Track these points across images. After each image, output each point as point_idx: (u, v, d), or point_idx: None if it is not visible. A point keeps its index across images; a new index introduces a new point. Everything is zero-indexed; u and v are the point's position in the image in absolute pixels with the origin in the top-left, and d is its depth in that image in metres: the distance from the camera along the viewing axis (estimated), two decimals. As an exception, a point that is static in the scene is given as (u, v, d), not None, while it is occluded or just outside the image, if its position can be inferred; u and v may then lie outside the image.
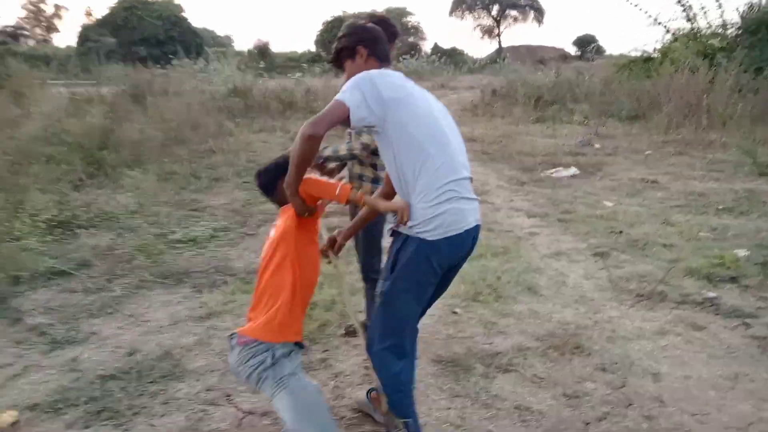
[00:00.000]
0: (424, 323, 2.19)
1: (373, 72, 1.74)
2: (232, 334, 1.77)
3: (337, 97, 1.66)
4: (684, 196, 5.91)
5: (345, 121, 1.65)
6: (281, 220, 1.82)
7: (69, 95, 9.62)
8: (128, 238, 4.40)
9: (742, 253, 3.96)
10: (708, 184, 6.40)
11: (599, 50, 39.01)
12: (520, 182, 6.93)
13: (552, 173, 7.37)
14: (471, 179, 1.78)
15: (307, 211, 1.75)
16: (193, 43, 36.97)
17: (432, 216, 1.65)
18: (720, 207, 5.37)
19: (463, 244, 1.74)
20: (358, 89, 1.65)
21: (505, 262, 3.94)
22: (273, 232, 1.83)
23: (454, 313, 3.12)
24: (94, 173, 6.44)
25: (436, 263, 1.70)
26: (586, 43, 42.64)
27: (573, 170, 7.40)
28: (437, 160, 1.67)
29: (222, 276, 3.70)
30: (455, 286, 3.37)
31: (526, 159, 8.34)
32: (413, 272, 1.72)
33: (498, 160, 8.46)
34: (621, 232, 4.60)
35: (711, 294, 3.37)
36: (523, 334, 2.89)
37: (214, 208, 5.44)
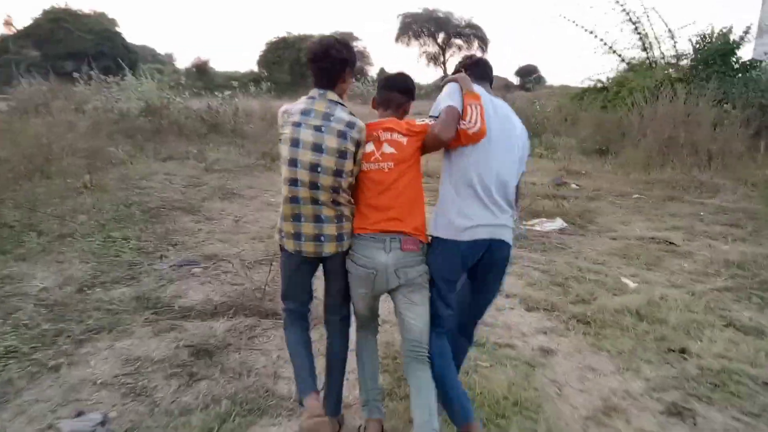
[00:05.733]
0: None
1: None
2: None
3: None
4: (720, 267, 4.37)
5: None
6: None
7: None
8: None
9: None
10: (739, 248, 4.93)
11: (540, 80, 39.31)
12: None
13: (535, 225, 5.73)
14: None
15: None
16: (126, 59, 33.76)
17: None
18: (784, 290, 3.85)
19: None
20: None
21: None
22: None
23: None
24: None
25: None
26: (528, 73, 43.09)
27: (560, 222, 5.79)
28: None
29: None
30: None
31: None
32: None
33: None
34: (684, 351, 2.89)
35: None
36: None
37: (27, 296, 3.30)
